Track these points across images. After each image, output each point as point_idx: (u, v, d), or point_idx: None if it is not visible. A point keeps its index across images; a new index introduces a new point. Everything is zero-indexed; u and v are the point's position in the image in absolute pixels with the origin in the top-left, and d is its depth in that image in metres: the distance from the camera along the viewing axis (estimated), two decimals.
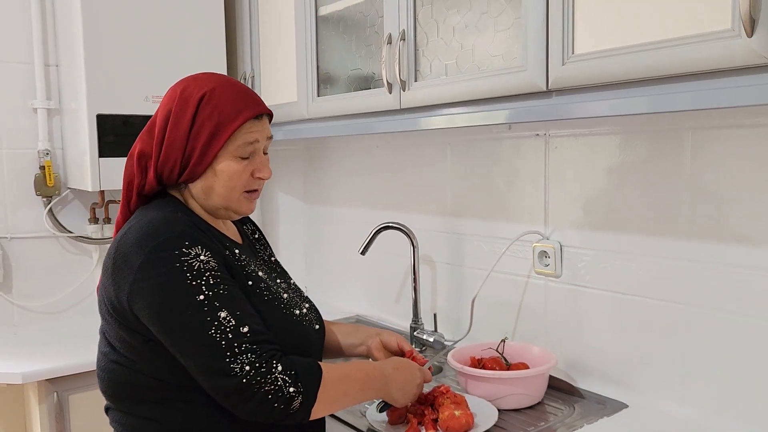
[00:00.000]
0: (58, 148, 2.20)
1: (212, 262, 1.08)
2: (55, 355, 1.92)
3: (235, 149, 1.15)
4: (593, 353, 1.58)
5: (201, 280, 1.05)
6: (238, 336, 1.04)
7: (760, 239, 1.27)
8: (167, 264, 1.05)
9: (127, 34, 2.02)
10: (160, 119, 1.16)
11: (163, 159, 1.15)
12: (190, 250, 1.06)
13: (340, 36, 1.90)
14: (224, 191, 1.17)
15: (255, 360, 1.04)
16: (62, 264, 2.22)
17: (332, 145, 2.41)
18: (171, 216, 1.12)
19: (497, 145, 1.78)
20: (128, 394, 1.14)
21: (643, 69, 1.09)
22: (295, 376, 1.06)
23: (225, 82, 1.17)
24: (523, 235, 1.70)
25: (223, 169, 1.15)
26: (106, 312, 1.14)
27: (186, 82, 1.18)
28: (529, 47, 1.27)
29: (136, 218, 1.15)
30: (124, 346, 1.12)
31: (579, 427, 1.37)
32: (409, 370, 1.28)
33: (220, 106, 1.13)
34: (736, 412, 1.32)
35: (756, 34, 0.94)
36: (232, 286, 1.09)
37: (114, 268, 1.10)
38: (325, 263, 2.53)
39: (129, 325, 1.10)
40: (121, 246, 1.10)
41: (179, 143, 1.13)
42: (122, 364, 1.13)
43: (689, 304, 1.38)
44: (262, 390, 1.03)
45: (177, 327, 1.04)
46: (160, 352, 1.08)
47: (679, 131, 1.38)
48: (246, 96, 1.17)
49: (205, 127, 1.13)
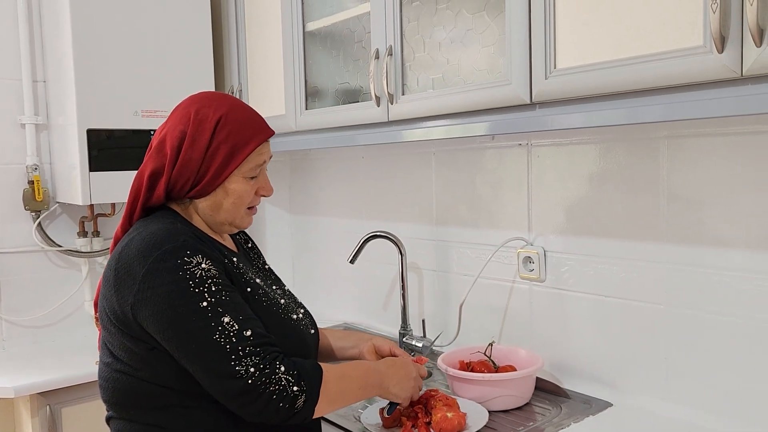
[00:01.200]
0: (46, 163, 2.22)
1: (213, 270, 1.11)
2: (47, 368, 1.93)
3: (247, 171, 1.22)
4: (578, 355, 1.63)
5: (203, 287, 1.09)
6: (242, 339, 1.08)
7: (735, 241, 1.33)
8: (170, 273, 1.08)
9: (116, 50, 2.04)
10: (173, 139, 1.18)
11: (175, 176, 1.18)
12: (192, 258, 1.10)
13: (327, 51, 1.94)
14: (232, 208, 1.23)
15: (259, 362, 1.07)
16: (51, 278, 2.23)
17: (317, 156, 2.45)
18: (171, 227, 1.16)
19: (481, 154, 1.84)
20: (132, 402, 1.16)
21: (622, 82, 1.15)
22: (297, 376, 1.10)
23: (236, 104, 1.23)
24: (508, 242, 1.76)
25: (234, 188, 1.21)
26: (108, 322, 1.16)
27: (199, 103, 1.21)
28: (513, 62, 1.33)
29: (137, 230, 1.18)
30: (128, 355, 1.14)
31: (566, 426, 1.41)
32: (404, 365, 1.33)
33: (235, 130, 1.19)
34: (717, 407, 1.38)
35: (726, 51, 1.00)
36: (233, 292, 1.13)
37: (117, 278, 1.13)
38: (313, 272, 2.57)
39: (133, 334, 1.12)
40: (124, 257, 1.13)
41: (195, 163, 1.18)
42: (126, 372, 1.15)
43: (669, 305, 1.45)
44: (267, 390, 1.07)
45: (182, 333, 1.08)
46: (165, 359, 1.11)
47: (655, 140, 1.44)
48: (257, 119, 1.24)
49: (221, 149, 1.18)
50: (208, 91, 1.29)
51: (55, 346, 2.17)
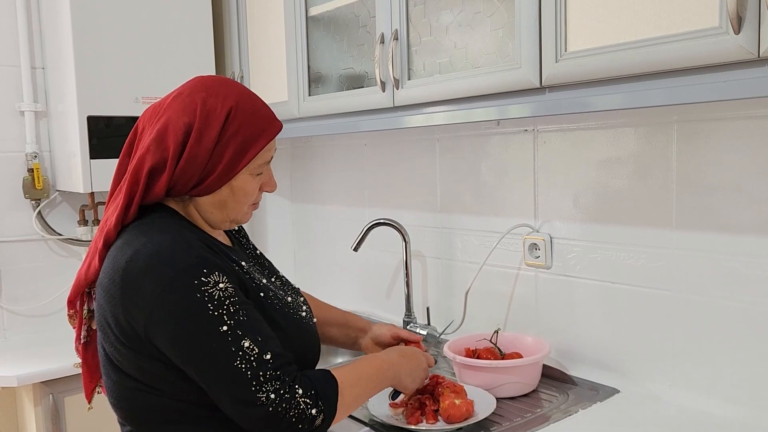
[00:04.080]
0: (45, 151, 2.19)
1: (230, 288, 1.05)
2: (49, 357, 1.92)
3: (255, 168, 1.14)
4: (585, 341, 1.63)
5: (222, 309, 1.03)
6: (262, 364, 1.03)
7: (745, 227, 1.32)
8: (187, 295, 1.02)
9: (116, 36, 2.02)
10: (177, 131, 1.08)
11: (179, 173, 1.09)
12: (209, 278, 1.03)
13: (330, 36, 1.92)
14: (236, 205, 1.16)
15: (279, 387, 1.03)
16: (52, 266, 2.21)
17: (319, 143, 2.43)
18: (180, 238, 1.07)
19: (485, 141, 1.82)
20: (157, 417, 1.10)
21: (634, 65, 1.13)
22: (315, 396, 1.07)
23: (244, 93, 1.15)
24: (514, 229, 1.75)
25: (241, 185, 1.14)
26: (115, 339, 1.08)
27: (204, 92, 1.11)
28: (522, 45, 1.31)
29: (140, 240, 1.07)
30: (143, 374, 1.08)
31: (574, 413, 1.41)
32: (415, 356, 1.32)
33: (245, 124, 1.11)
34: (726, 394, 1.37)
35: (743, 31, 0.99)
36: (250, 310, 1.07)
37: (123, 295, 1.04)
38: (315, 261, 2.55)
39: (149, 354, 1.06)
40: (131, 272, 1.04)
41: (202, 159, 1.08)
42: (144, 390, 1.09)
43: (678, 291, 1.44)
44: (287, 416, 1.03)
45: (202, 359, 1.03)
46: (185, 376, 1.06)
47: (665, 124, 1.43)
48: (266, 111, 1.16)
49: (230, 144, 1.10)
50: (211, 75, 1.19)
51: (56, 335, 2.16)
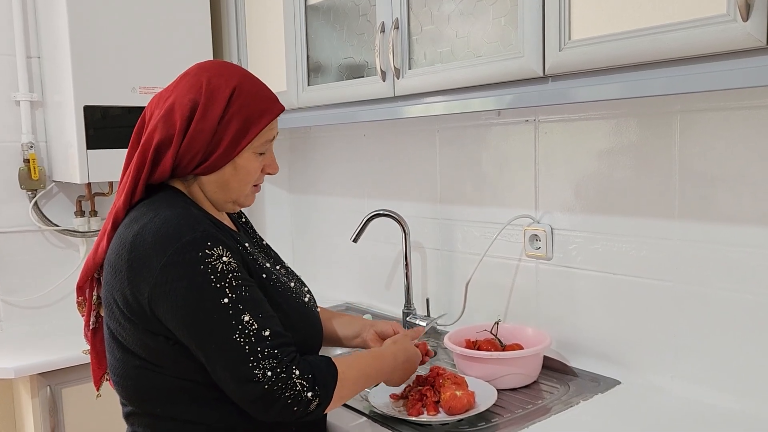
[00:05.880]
0: (41, 141, 2.17)
1: (233, 263, 1.07)
2: (46, 348, 1.90)
3: (258, 146, 1.17)
4: (585, 333, 1.62)
5: (225, 282, 1.04)
6: (261, 340, 1.04)
7: (748, 217, 1.31)
8: (191, 266, 1.03)
9: (112, 24, 1.99)
10: (183, 107, 1.11)
11: (185, 148, 1.12)
12: (213, 251, 1.05)
13: (330, 25, 1.90)
14: (239, 185, 1.18)
15: (276, 365, 1.04)
16: (49, 258, 2.20)
17: (317, 134, 2.42)
18: (186, 213, 1.09)
19: (486, 131, 1.81)
20: (159, 396, 1.11)
21: (639, 54, 1.12)
22: (312, 380, 1.07)
23: (247, 75, 1.18)
24: (514, 220, 1.74)
25: (244, 164, 1.16)
26: (120, 315, 1.10)
27: (209, 72, 1.15)
28: (525, 33, 1.30)
29: (147, 216, 1.10)
30: (147, 351, 1.09)
31: (575, 404, 1.40)
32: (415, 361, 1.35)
33: (248, 102, 1.14)
34: (727, 385, 1.37)
35: (751, 19, 0.97)
36: (252, 287, 1.09)
37: (130, 269, 1.07)
38: (313, 252, 2.54)
39: (151, 329, 1.07)
40: (138, 246, 1.07)
41: (206, 135, 1.11)
42: (148, 368, 1.10)
43: (680, 282, 1.43)
44: (282, 396, 1.04)
45: (203, 331, 1.03)
46: (188, 353, 1.07)
47: (668, 114, 1.42)
48: (268, 93, 1.20)
49: (234, 121, 1.12)
50: (215, 59, 1.23)
51: (53, 326, 2.14)
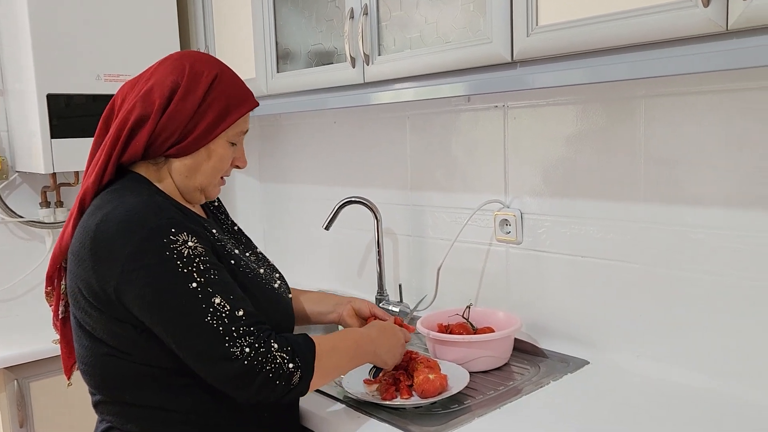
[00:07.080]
0: (3, 131, 2.12)
1: (200, 248, 1.06)
2: (13, 342, 1.87)
3: (233, 135, 1.19)
4: (555, 315, 1.65)
5: (192, 266, 1.04)
6: (235, 320, 1.04)
7: (712, 200, 1.35)
8: (157, 253, 1.03)
9: (75, 10, 1.95)
10: (163, 88, 1.12)
11: (161, 127, 1.12)
12: (178, 236, 1.05)
13: (299, 11, 1.89)
14: (210, 172, 1.19)
15: (254, 341, 1.04)
16: (14, 250, 2.15)
17: (287, 122, 2.40)
18: (151, 201, 1.09)
19: (455, 117, 1.82)
20: (127, 385, 1.11)
21: (605, 39, 1.14)
22: (291, 352, 1.08)
23: (226, 67, 1.21)
24: (484, 205, 1.75)
25: (217, 151, 1.18)
26: (86, 303, 1.09)
27: (192, 59, 1.17)
28: (493, 19, 1.30)
29: (111, 204, 1.09)
30: (115, 338, 1.09)
31: (545, 384, 1.43)
32: (393, 331, 1.33)
33: (229, 90, 1.17)
34: (693, 364, 1.40)
35: (711, 5, 1.00)
36: (221, 271, 1.09)
37: (94, 257, 1.06)
38: (286, 241, 2.53)
39: (119, 317, 1.07)
40: (101, 234, 1.06)
41: (185, 115, 1.12)
42: (116, 356, 1.09)
43: (646, 264, 1.46)
44: (264, 370, 1.04)
45: (172, 317, 1.03)
46: (157, 340, 1.07)
47: (632, 99, 1.44)
48: (245, 87, 1.23)
49: (213, 106, 1.15)
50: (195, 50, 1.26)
51: (20, 320, 2.10)
